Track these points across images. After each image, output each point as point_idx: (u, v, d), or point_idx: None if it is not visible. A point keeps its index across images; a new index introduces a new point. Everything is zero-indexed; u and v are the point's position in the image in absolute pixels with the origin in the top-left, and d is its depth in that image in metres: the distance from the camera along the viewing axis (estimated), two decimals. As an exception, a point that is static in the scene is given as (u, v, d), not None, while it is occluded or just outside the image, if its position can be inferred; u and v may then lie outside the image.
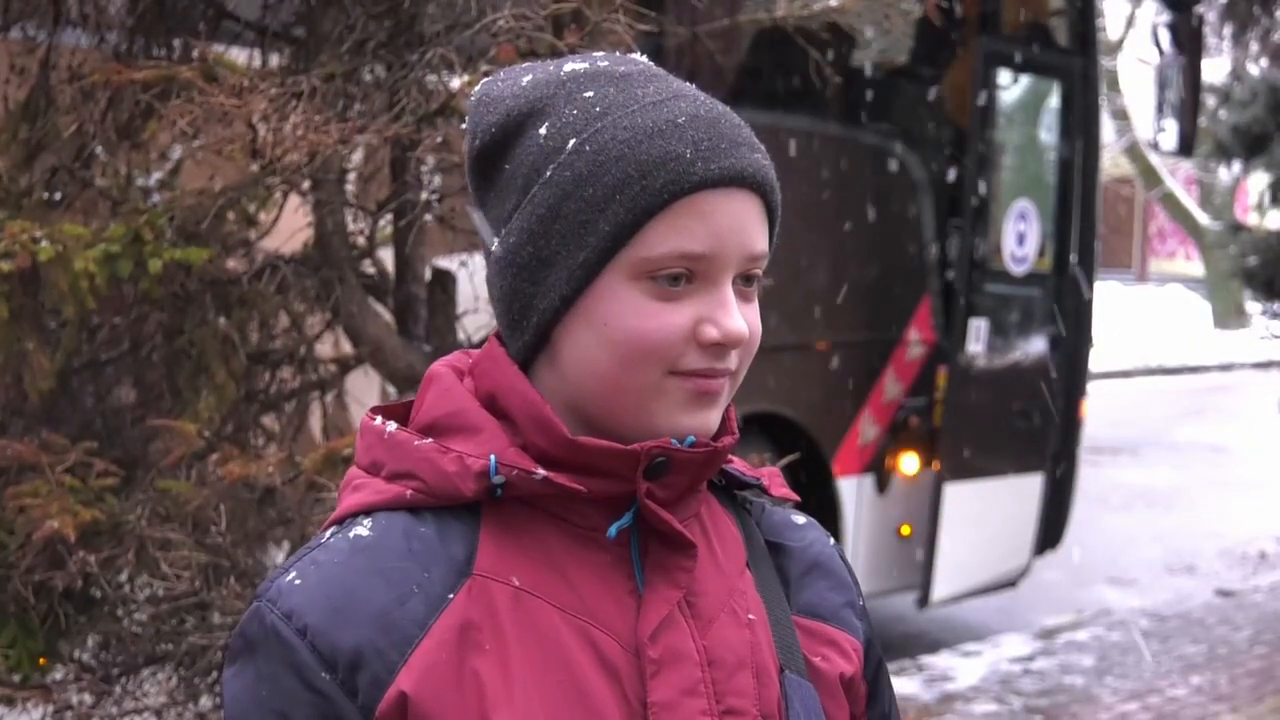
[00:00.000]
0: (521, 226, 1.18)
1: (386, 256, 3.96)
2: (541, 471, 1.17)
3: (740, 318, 1.18)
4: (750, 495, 1.35)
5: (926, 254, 6.54)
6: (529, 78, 1.21)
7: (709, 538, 1.27)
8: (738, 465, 1.32)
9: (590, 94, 1.18)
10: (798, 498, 1.36)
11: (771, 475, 1.35)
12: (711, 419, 1.20)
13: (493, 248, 1.21)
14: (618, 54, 1.24)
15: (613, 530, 1.19)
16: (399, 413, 1.26)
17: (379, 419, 1.24)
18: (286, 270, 3.58)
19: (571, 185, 1.16)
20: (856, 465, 6.39)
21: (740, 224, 1.17)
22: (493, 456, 1.18)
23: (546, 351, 1.21)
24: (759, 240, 1.19)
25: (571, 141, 1.16)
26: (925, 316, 6.53)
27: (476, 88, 1.25)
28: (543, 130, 1.18)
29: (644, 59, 1.24)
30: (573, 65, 1.21)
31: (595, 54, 1.24)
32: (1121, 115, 22.56)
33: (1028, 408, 6.83)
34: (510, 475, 1.17)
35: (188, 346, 3.53)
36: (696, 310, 1.17)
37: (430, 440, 1.20)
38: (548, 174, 1.17)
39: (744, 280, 1.20)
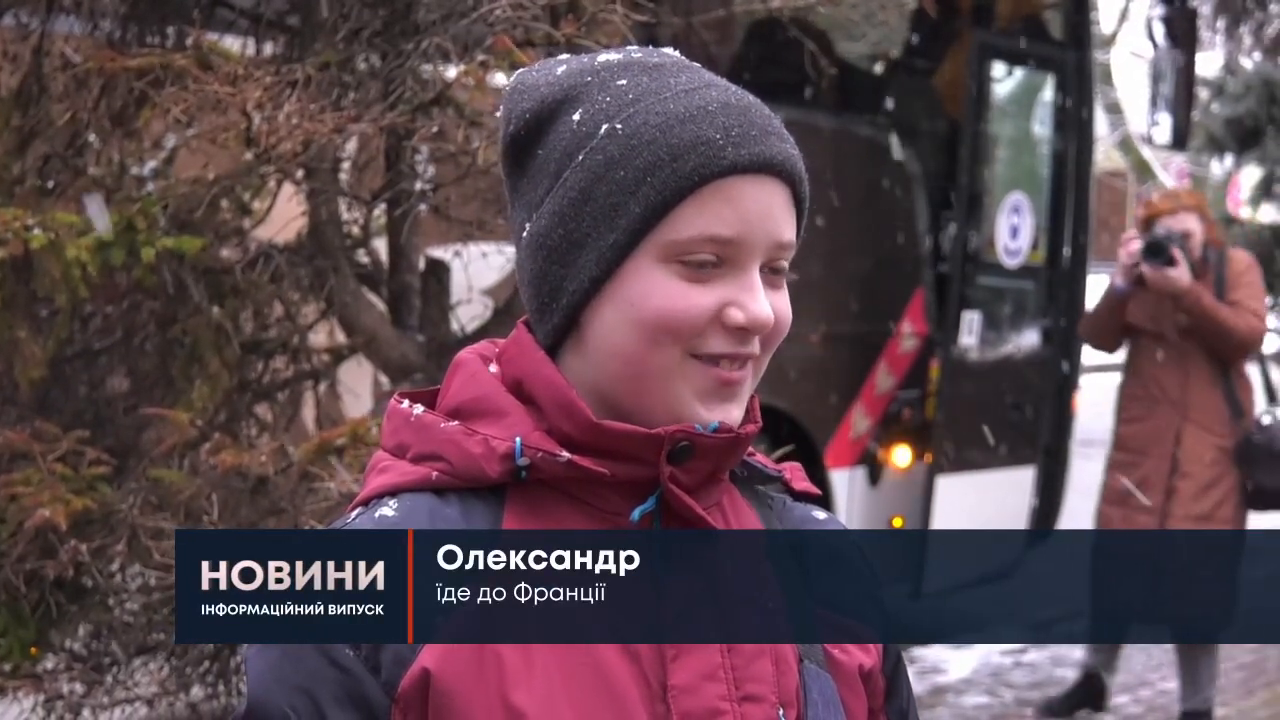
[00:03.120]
0: (553, 210, 1.20)
1: (380, 246, 3.95)
2: (566, 454, 1.18)
3: (766, 303, 1.20)
4: (772, 490, 1.36)
5: (920, 246, 6.53)
6: (563, 67, 1.24)
7: (730, 526, 1.27)
8: (760, 459, 1.34)
9: (623, 82, 1.20)
10: (819, 492, 1.37)
11: (793, 470, 1.36)
12: (734, 413, 1.22)
13: (523, 232, 1.22)
14: (650, 47, 1.27)
15: (635, 514, 1.20)
16: (425, 398, 1.27)
17: (406, 402, 1.26)
18: (280, 259, 3.57)
19: (603, 168, 1.18)
20: (849, 458, 6.37)
21: (768, 211, 1.19)
22: (518, 439, 1.19)
23: (574, 336, 1.22)
24: (786, 229, 1.21)
25: (604, 126, 1.18)
26: (918, 309, 6.53)
27: (512, 77, 1.27)
28: (576, 116, 1.20)
29: (676, 52, 1.27)
30: (606, 56, 1.24)
31: (629, 46, 1.26)
32: (1115, 109, 22.57)
33: (1020, 400, 6.83)
34: (535, 458, 1.19)
35: (181, 335, 3.53)
36: (723, 294, 1.19)
37: (456, 423, 1.21)
38: (580, 158, 1.18)
39: (771, 270, 1.22)
